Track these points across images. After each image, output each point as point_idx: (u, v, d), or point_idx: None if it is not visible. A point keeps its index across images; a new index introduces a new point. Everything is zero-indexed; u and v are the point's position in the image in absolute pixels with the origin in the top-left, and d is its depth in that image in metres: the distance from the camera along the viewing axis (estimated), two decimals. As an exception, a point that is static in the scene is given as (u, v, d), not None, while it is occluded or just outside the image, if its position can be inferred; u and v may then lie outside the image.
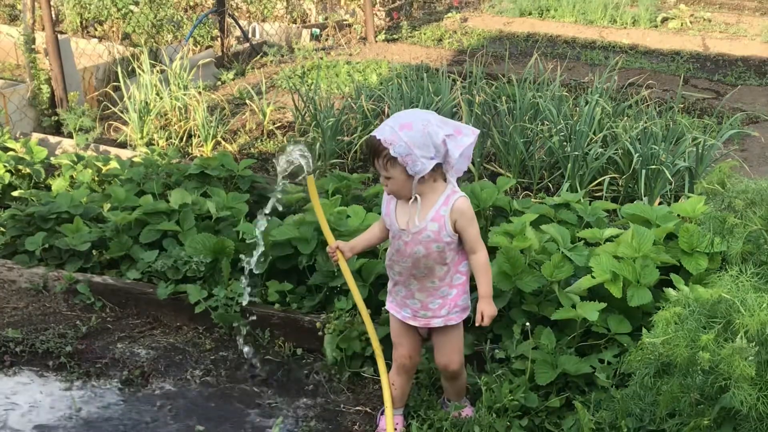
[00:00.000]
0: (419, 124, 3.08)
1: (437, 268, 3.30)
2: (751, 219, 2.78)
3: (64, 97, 7.46)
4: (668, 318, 2.67)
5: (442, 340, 3.47)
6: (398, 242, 3.29)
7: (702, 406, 2.79)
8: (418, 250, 3.24)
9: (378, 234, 3.54)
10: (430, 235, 3.21)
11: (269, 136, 7.67)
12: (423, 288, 3.35)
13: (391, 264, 3.39)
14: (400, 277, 3.37)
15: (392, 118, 3.15)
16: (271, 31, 12.24)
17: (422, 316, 3.40)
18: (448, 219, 3.21)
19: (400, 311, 3.46)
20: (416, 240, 3.22)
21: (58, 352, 4.12)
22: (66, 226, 4.88)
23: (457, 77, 7.71)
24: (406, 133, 3.05)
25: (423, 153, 3.07)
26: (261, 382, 4.04)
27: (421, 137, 3.06)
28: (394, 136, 3.06)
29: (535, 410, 3.59)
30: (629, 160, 5.95)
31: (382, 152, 3.09)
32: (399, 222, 3.27)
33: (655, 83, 9.38)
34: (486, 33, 13.38)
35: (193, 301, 4.31)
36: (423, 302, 3.37)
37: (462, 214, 3.23)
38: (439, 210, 3.21)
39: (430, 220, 3.21)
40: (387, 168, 3.13)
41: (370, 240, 3.59)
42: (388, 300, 3.55)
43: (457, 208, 3.22)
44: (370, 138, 3.14)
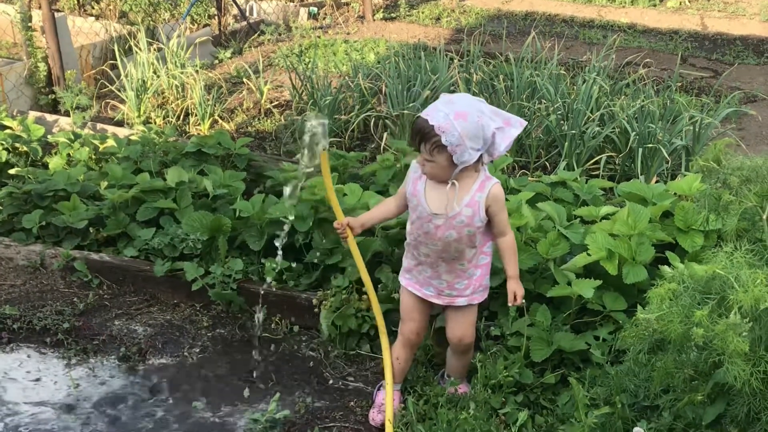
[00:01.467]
0: (474, 115, 3.04)
1: (467, 251, 3.31)
2: (746, 196, 2.79)
3: (61, 75, 7.43)
4: (662, 294, 2.68)
5: (459, 315, 3.49)
6: (428, 225, 3.26)
7: (696, 382, 2.81)
8: (449, 234, 3.23)
9: (393, 210, 3.52)
10: (463, 220, 3.21)
11: (266, 114, 7.66)
12: (451, 270, 3.36)
13: (417, 245, 3.37)
14: (427, 258, 3.37)
15: (445, 104, 3.09)
16: (268, 9, 12.19)
17: (447, 295, 3.42)
18: (482, 204, 3.21)
19: (422, 289, 3.46)
20: (449, 224, 3.22)
21: (56, 329, 4.14)
22: (63, 204, 4.88)
23: (455, 56, 7.69)
24: (461, 123, 3.01)
25: (473, 144, 3.06)
26: (258, 360, 4.06)
27: (474, 129, 3.04)
28: (448, 124, 3.01)
29: (530, 386, 3.61)
30: (626, 139, 5.95)
31: (432, 138, 3.05)
32: (430, 205, 3.24)
33: (653, 62, 9.35)
34: (484, 12, 13.33)
35: (190, 278, 4.32)
36: (450, 282, 3.38)
37: (496, 200, 3.24)
38: (474, 196, 3.21)
39: (465, 206, 3.20)
40: (432, 153, 3.09)
41: (384, 215, 3.57)
42: (405, 276, 3.53)
43: (493, 195, 3.22)
44: (421, 120, 3.08)
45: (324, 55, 9.52)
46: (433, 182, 3.24)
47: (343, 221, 3.50)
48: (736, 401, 2.62)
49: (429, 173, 3.20)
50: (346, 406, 3.74)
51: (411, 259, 3.47)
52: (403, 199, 3.42)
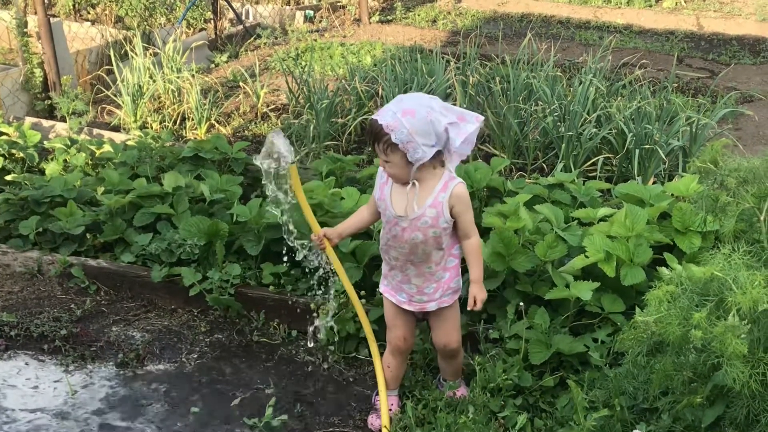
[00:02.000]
0: (422, 111, 3.04)
1: (434, 253, 3.30)
2: (743, 197, 2.79)
3: (57, 80, 7.42)
4: (661, 297, 2.68)
5: (438, 320, 3.49)
6: (395, 228, 3.27)
7: (695, 384, 2.81)
8: (415, 236, 3.23)
9: (367, 218, 3.52)
10: (428, 221, 3.21)
11: (263, 118, 7.66)
12: (420, 273, 3.35)
13: (387, 249, 3.38)
14: (397, 262, 3.37)
15: (395, 103, 3.10)
16: (264, 13, 12.18)
17: (417, 301, 3.41)
18: (446, 205, 3.20)
19: (396, 295, 3.46)
20: (414, 226, 3.22)
21: (53, 335, 4.13)
22: (60, 210, 4.87)
23: (451, 58, 7.69)
24: (409, 119, 3.02)
25: (424, 141, 3.05)
26: (256, 365, 4.05)
27: (423, 125, 3.04)
28: (396, 122, 3.02)
29: (529, 389, 3.61)
30: (623, 140, 5.94)
31: (383, 137, 3.06)
32: (395, 208, 3.25)
33: (649, 63, 9.34)
34: (480, 14, 13.32)
35: (188, 283, 4.31)
36: (419, 287, 3.38)
37: (459, 200, 3.23)
38: (437, 196, 3.20)
39: (429, 206, 3.20)
40: (387, 153, 3.10)
41: (359, 224, 3.56)
42: (383, 283, 3.54)
43: (456, 194, 3.21)
44: (371, 121, 3.10)
45: (320, 59, 9.52)
46: (398, 185, 3.24)
47: (319, 233, 3.49)
48: (735, 403, 2.61)
49: (390, 174, 3.21)
50: (344, 411, 3.74)
51: (385, 265, 3.49)
52: (373, 205, 3.42)
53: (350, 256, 4.24)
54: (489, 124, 6.50)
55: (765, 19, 12.91)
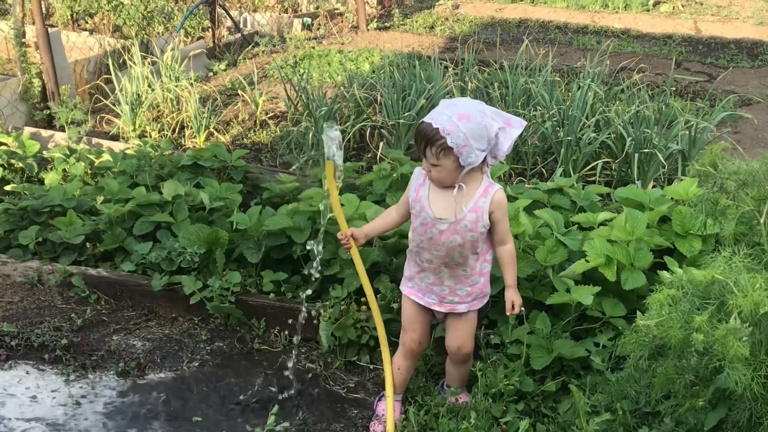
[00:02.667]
0: (477, 115, 3.06)
1: (470, 257, 3.31)
2: (743, 200, 2.79)
3: (55, 90, 7.43)
4: (662, 300, 2.68)
5: (459, 323, 3.49)
6: (431, 230, 3.27)
7: (697, 387, 2.80)
8: (454, 239, 3.23)
9: (396, 219, 3.52)
10: (467, 225, 3.22)
11: (262, 126, 7.66)
12: (454, 276, 3.36)
13: (419, 251, 3.37)
14: (430, 264, 3.36)
15: (446, 107, 3.11)
16: (262, 21, 12.20)
17: (448, 302, 3.42)
18: (486, 210, 3.22)
19: (423, 297, 3.45)
20: (453, 229, 3.22)
21: (54, 345, 4.12)
22: (59, 220, 4.87)
23: (449, 64, 7.70)
24: (465, 124, 3.03)
25: (478, 145, 3.07)
26: (257, 372, 4.04)
27: (478, 129, 3.05)
28: (452, 126, 3.03)
29: (530, 394, 3.60)
30: (622, 144, 5.95)
31: (438, 141, 3.06)
32: (434, 210, 3.25)
33: (648, 67, 9.37)
34: (478, 20, 13.35)
35: (188, 292, 4.30)
36: (452, 288, 3.38)
37: (499, 206, 3.25)
38: (478, 201, 3.22)
39: (470, 211, 3.21)
40: (438, 156, 3.10)
41: (387, 225, 3.57)
42: (407, 285, 3.53)
43: (496, 201, 3.23)
44: (426, 125, 3.09)
45: (319, 66, 9.53)
46: (437, 188, 3.25)
47: (347, 232, 3.50)
48: (737, 406, 2.61)
49: (436, 178, 3.20)
50: (346, 418, 3.73)
51: (413, 267, 3.46)
52: (405, 207, 3.43)
53: (351, 262, 4.23)
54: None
55: (762, 22, 12.94)
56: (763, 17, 13.32)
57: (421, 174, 3.30)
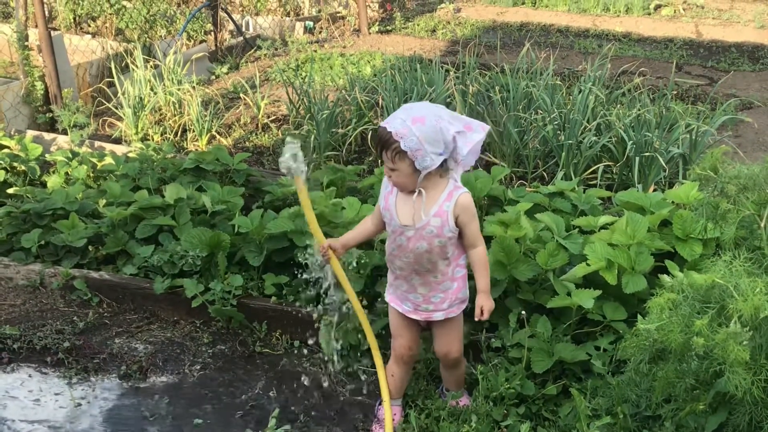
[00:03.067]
0: (432, 119, 3.05)
1: (440, 262, 3.30)
2: (743, 204, 2.80)
3: (58, 93, 7.45)
4: (662, 304, 2.69)
5: (442, 330, 3.49)
6: (400, 238, 3.27)
7: (697, 391, 2.81)
8: (420, 245, 3.23)
9: (371, 228, 3.51)
10: (432, 230, 3.21)
11: (264, 129, 7.67)
12: (426, 282, 3.35)
13: (392, 259, 3.38)
14: (402, 272, 3.37)
15: (403, 111, 3.10)
16: (264, 24, 12.22)
17: (423, 310, 3.41)
18: (450, 214, 3.21)
19: (401, 305, 3.46)
20: (419, 235, 3.22)
21: (56, 348, 4.14)
22: (62, 223, 4.88)
23: (451, 68, 7.71)
24: (419, 127, 3.02)
25: (433, 149, 3.06)
26: (259, 375, 4.05)
27: (432, 132, 3.04)
28: (405, 129, 3.02)
29: (531, 398, 3.61)
30: (623, 148, 5.95)
31: (392, 144, 3.06)
32: (400, 217, 3.25)
33: (648, 70, 9.38)
34: (479, 23, 13.36)
35: (190, 295, 4.31)
36: (425, 296, 3.38)
37: (465, 210, 3.23)
38: (442, 205, 3.20)
39: (433, 216, 3.20)
40: (394, 160, 3.10)
41: (363, 234, 3.55)
42: (389, 292, 3.54)
43: (461, 204, 3.22)
44: (380, 128, 3.10)
45: (320, 69, 9.54)
46: (403, 195, 3.25)
47: (324, 243, 3.46)
48: (737, 410, 2.62)
49: (395, 183, 3.21)
50: (348, 421, 3.74)
51: (390, 274, 3.48)
52: (379, 216, 3.42)
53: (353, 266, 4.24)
54: (489, 133, 6.51)
55: (764, 26, 12.95)
56: (764, 21, 13.32)
57: (389, 183, 3.30)
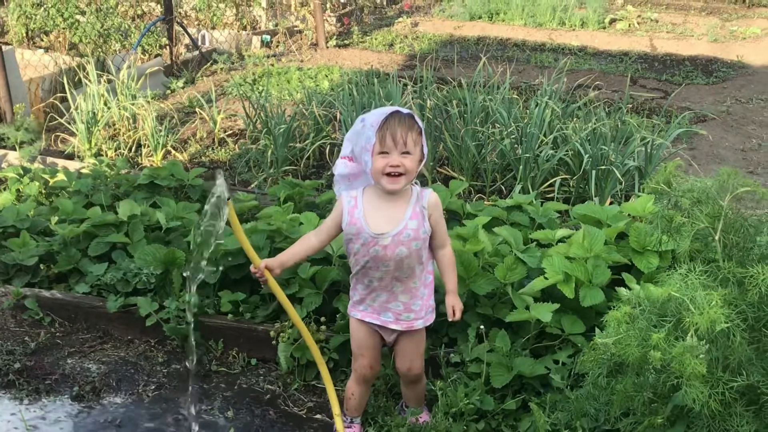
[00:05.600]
0: None
1: (417, 267, 3.29)
2: (697, 217, 2.80)
3: (8, 109, 7.32)
4: (619, 318, 2.69)
5: (408, 344, 3.44)
6: (374, 248, 3.21)
7: (655, 405, 2.81)
8: (400, 251, 3.20)
9: (315, 245, 3.41)
10: (410, 234, 3.20)
11: (220, 144, 7.61)
12: (407, 289, 3.32)
13: (366, 272, 3.30)
14: (381, 282, 3.30)
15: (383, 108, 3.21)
16: (220, 38, 12.16)
17: (405, 319, 3.37)
18: (425, 214, 3.24)
19: (379, 317, 3.37)
20: (397, 241, 3.19)
21: (7, 369, 4.03)
22: (12, 241, 4.78)
23: (408, 81, 7.71)
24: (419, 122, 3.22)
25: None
26: (215, 395, 3.99)
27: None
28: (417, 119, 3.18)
29: (491, 413, 3.59)
30: (579, 161, 5.99)
31: (415, 125, 3.15)
32: (372, 227, 3.21)
33: (604, 84, 9.47)
34: (437, 37, 13.42)
35: (144, 314, 4.24)
36: (406, 304, 3.34)
37: (436, 208, 3.29)
38: (415, 207, 3.23)
39: (409, 218, 3.21)
40: (416, 142, 3.15)
41: (307, 251, 3.44)
42: (357, 309, 3.43)
43: (432, 202, 3.27)
44: (398, 114, 3.14)
45: (278, 83, 9.51)
46: (372, 203, 3.25)
47: (259, 265, 3.33)
48: (695, 423, 2.62)
49: (406, 169, 3.13)
50: (306, 440, 3.69)
51: (362, 289, 3.39)
52: (328, 234, 3.37)
53: (309, 281, 4.20)
54: (447, 147, 6.53)
55: (717, 39, 13.16)
56: (717, 34, 13.55)
57: (350, 198, 3.27)
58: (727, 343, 2.52)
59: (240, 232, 3.34)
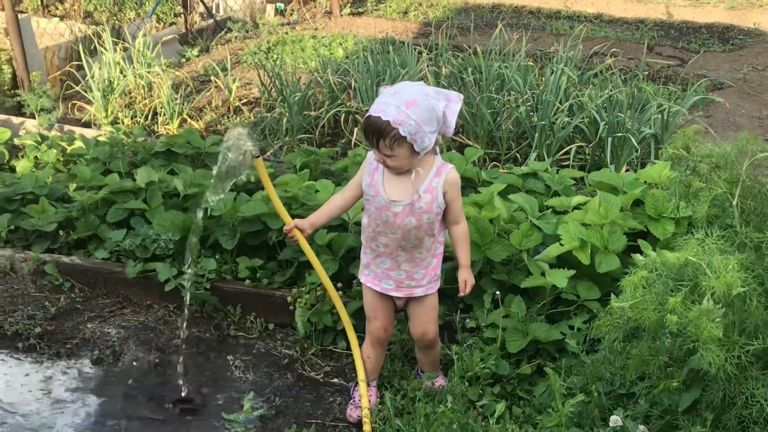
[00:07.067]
0: (423, 99, 3.06)
1: (426, 239, 3.31)
2: (715, 182, 2.80)
3: (25, 77, 7.34)
4: (636, 282, 2.70)
5: (419, 309, 3.49)
6: (386, 213, 3.25)
7: (671, 369, 2.83)
8: (409, 221, 3.23)
9: (341, 204, 3.51)
10: (422, 207, 3.22)
11: (236, 112, 7.62)
12: (411, 258, 3.35)
13: (375, 236, 3.36)
14: (386, 248, 3.35)
15: (392, 96, 3.07)
16: (235, 6, 12.12)
17: (406, 287, 3.41)
18: (440, 190, 3.23)
19: (380, 283, 3.44)
20: (408, 211, 3.22)
21: (28, 333, 4.09)
22: (32, 207, 4.82)
23: (423, 49, 7.68)
24: (414, 111, 3.02)
25: (429, 128, 3.08)
26: (234, 359, 4.04)
27: (427, 113, 3.06)
28: (402, 116, 3.01)
29: (506, 378, 3.63)
30: (595, 129, 5.97)
31: (390, 132, 3.04)
32: (388, 193, 3.24)
33: (620, 51, 9.40)
34: (452, 4, 13.33)
35: (163, 279, 4.28)
36: (408, 272, 3.38)
37: (453, 186, 3.26)
38: (431, 182, 3.22)
39: (424, 192, 3.21)
40: (393, 147, 3.08)
41: (332, 212, 3.55)
42: (363, 273, 3.52)
43: (449, 180, 3.24)
44: (375, 119, 3.05)
45: (292, 51, 9.48)
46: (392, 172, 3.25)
47: (290, 224, 3.46)
48: (711, 387, 2.64)
49: (393, 167, 3.19)
50: (324, 403, 3.73)
51: (369, 253, 3.45)
52: (352, 192, 3.44)
53: (326, 248, 4.23)
54: (462, 115, 6.51)
55: (734, 6, 13.02)
56: (734, 1, 13.40)
57: (375, 160, 3.28)
58: (743, 307, 2.53)
59: (272, 190, 3.44)
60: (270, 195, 3.50)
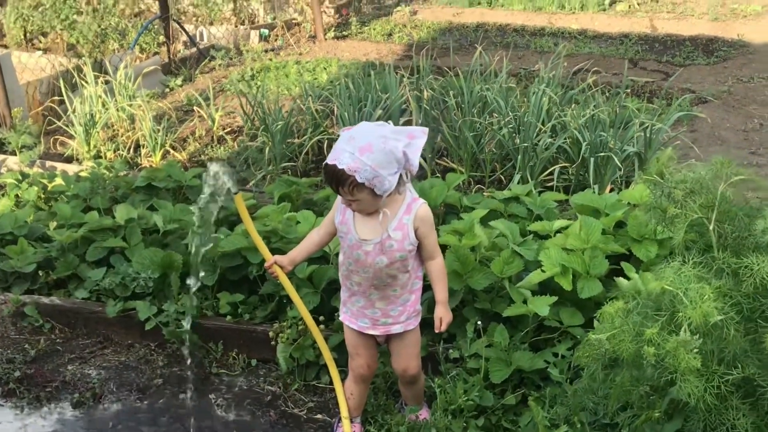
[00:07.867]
0: (378, 142, 2.97)
1: (400, 276, 3.26)
2: (691, 208, 2.77)
3: (7, 114, 7.31)
4: (612, 313, 2.66)
5: (400, 345, 3.44)
6: (357, 252, 3.21)
7: (653, 398, 2.79)
8: (380, 260, 3.18)
9: (317, 241, 3.48)
10: (393, 245, 3.16)
11: (219, 141, 7.59)
12: (384, 297, 3.30)
13: (348, 274, 3.32)
14: (359, 287, 3.31)
15: (346, 142, 3.00)
16: (218, 34, 12.12)
17: (382, 324, 3.36)
18: (411, 227, 3.17)
19: (356, 322, 3.40)
20: (378, 250, 3.16)
21: (7, 378, 4.04)
22: (10, 248, 4.78)
23: (405, 73, 7.66)
24: (368, 156, 2.94)
25: (388, 171, 2.99)
26: (216, 396, 3.98)
27: (383, 156, 2.97)
28: (356, 163, 2.94)
29: (491, 409, 3.58)
30: (578, 149, 5.94)
31: (347, 180, 2.97)
32: (359, 232, 3.19)
33: (604, 68, 9.40)
34: (436, 25, 13.34)
35: (143, 318, 4.24)
36: (383, 310, 3.33)
37: (423, 221, 3.19)
38: (401, 219, 3.16)
39: (394, 230, 3.15)
40: (353, 193, 3.03)
41: (310, 248, 3.51)
42: (342, 311, 3.48)
43: (420, 216, 3.18)
44: (331, 167, 2.99)
45: (276, 78, 9.47)
46: None
47: (270, 260, 3.44)
48: (692, 417, 2.59)
49: (357, 210, 3.16)
50: (306, 440, 3.69)
51: (345, 291, 3.42)
52: (327, 229, 3.40)
53: (307, 281, 4.18)
54: (445, 138, 6.49)
55: (717, 18, 13.05)
56: (718, 13, 13.43)
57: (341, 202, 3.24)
58: (721, 335, 2.49)
59: (251, 226, 3.43)
60: (249, 231, 3.47)
